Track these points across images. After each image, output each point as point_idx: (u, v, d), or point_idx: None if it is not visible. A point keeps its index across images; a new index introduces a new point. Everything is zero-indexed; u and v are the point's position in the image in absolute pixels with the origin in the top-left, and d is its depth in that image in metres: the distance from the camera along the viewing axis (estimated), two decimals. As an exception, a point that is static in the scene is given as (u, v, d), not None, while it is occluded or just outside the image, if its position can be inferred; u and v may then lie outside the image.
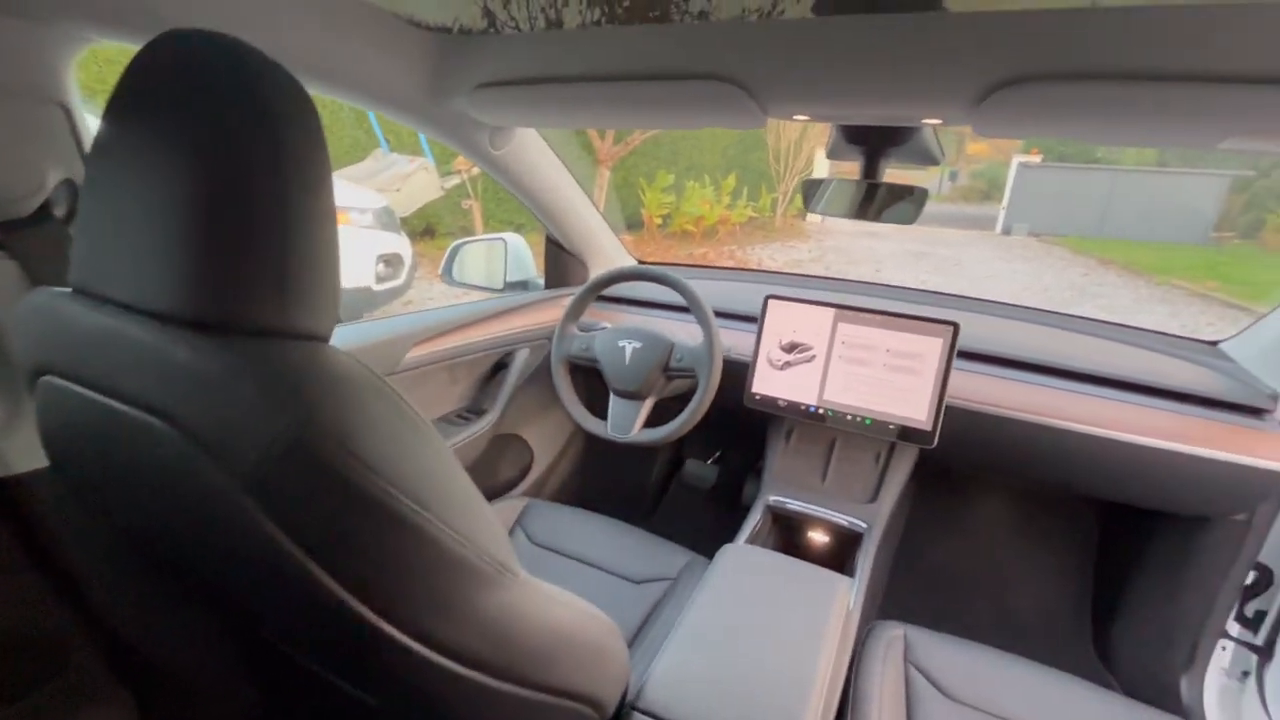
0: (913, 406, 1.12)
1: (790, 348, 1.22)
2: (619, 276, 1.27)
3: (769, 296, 1.23)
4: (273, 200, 0.40)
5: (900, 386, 1.13)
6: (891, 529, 1.24)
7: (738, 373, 1.24)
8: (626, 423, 1.22)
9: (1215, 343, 1.24)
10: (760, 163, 10.89)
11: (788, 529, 1.28)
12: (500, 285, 1.53)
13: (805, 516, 1.22)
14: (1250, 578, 1.07)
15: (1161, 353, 1.17)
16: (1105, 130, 0.70)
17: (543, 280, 1.59)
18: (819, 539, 1.23)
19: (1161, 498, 1.15)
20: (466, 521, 0.42)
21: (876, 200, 0.97)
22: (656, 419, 1.22)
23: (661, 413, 1.24)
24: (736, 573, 0.96)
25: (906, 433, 1.13)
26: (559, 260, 1.56)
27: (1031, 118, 0.68)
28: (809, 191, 1.05)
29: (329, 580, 0.38)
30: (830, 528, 1.20)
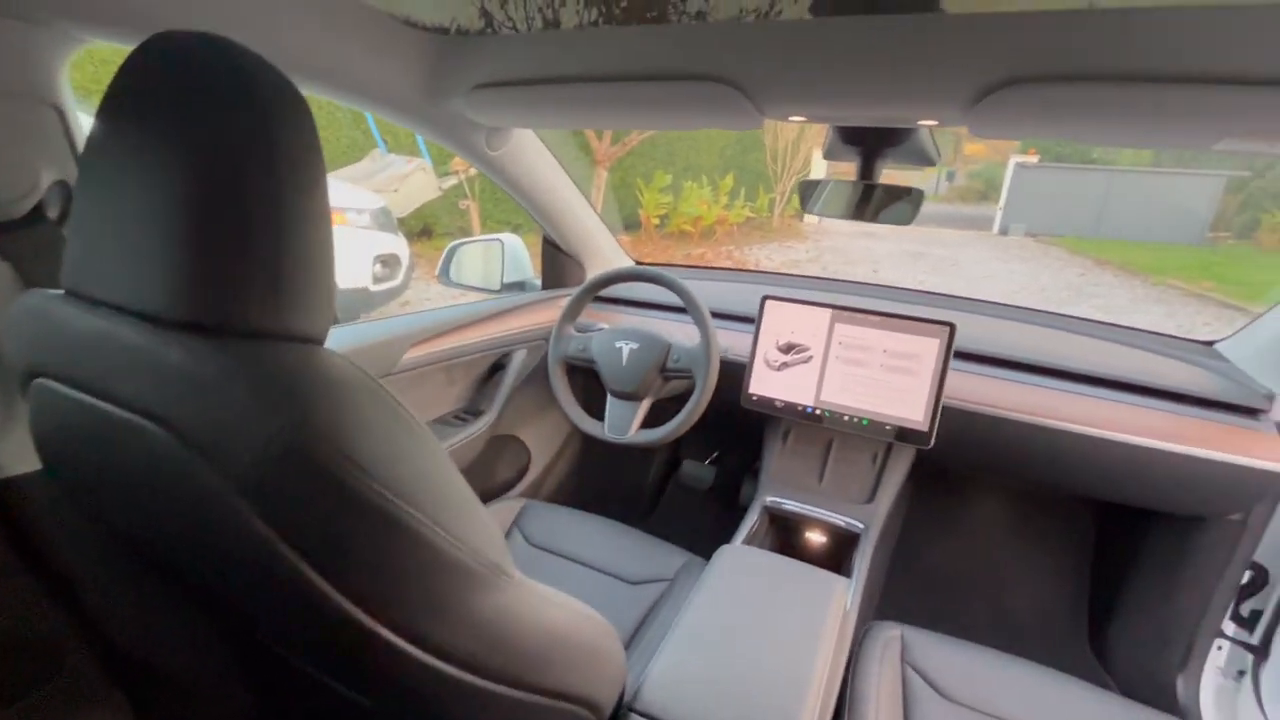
0: (909, 407, 1.12)
1: (787, 348, 1.22)
2: (616, 277, 1.27)
3: (766, 297, 1.23)
4: (267, 201, 0.39)
5: (897, 387, 1.13)
6: (888, 529, 1.24)
7: (735, 373, 1.24)
8: (624, 423, 1.22)
9: (1211, 343, 1.24)
10: (758, 163, 10.90)
11: (785, 530, 1.28)
12: (497, 286, 1.53)
13: (802, 517, 1.22)
14: (1246, 577, 1.07)
15: (1157, 353, 1.18)
16: (1102, 131, 0.70)
17: (540, 281, 1.59)
18: (816, 539, 1.23)
19: (1157, 498, 1.15)
20: (461, 524, 0.42)
21: (873, 201, 0.97)
22: (654, 420, 1.22)
23: (659, 413, 1.24)
24: (734, 573, 0.96)
25: (903, 433, 1.13)
26: (556, 261, 1.56)
27: (1028, 119, 0.68)
28: (806, 192, 1.05)
29: (323, 583, 0.38)
30: (827, 528, 1.20)
